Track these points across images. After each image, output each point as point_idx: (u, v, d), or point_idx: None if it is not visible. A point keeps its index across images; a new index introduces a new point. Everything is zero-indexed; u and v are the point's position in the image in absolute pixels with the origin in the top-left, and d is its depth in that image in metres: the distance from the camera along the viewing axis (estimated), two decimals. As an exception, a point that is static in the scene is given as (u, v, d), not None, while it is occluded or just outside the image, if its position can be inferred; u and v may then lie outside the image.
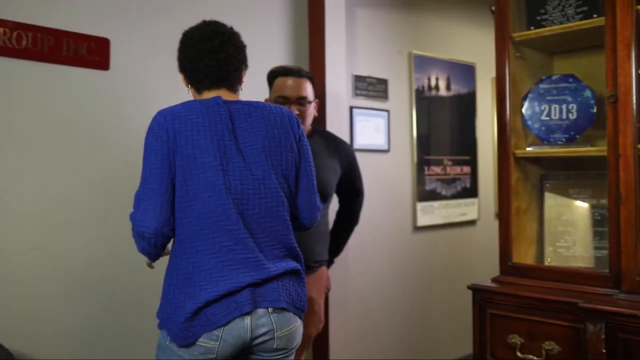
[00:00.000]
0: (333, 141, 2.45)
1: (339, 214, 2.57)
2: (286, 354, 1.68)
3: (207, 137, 1.60)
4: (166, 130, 1.61)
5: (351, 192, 2.51)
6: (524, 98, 2.25)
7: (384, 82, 3.44)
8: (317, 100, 2.41)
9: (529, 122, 2.23)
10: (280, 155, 1.68)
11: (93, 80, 2.37)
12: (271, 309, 1.60)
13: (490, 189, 4.15)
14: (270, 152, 1.67)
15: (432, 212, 3.72)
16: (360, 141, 3.29)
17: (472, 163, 4.02)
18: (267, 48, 2.95)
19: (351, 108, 3.25)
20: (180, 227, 1.61)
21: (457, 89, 3.89)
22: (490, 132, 4.16)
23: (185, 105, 1.67)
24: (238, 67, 1.75)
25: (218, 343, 1.54)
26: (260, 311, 1.58)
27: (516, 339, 2.02)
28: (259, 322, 1.58)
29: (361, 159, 2.80)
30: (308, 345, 2.42)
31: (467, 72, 3.97)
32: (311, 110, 2.35)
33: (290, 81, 2.31)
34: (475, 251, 3.99)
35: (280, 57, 2.98)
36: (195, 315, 1.53)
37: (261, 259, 1.60)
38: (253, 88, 2.36)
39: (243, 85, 1.79)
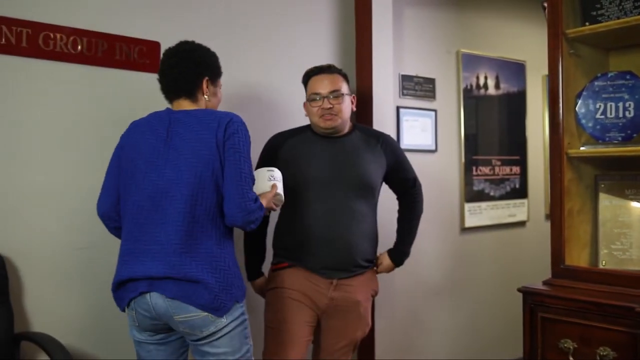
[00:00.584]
0: (374, 135, 2.42)
1: (400, 209, 2.49)
2: (202, 340, 1.84)
3: (145, 143, 1.91)
4: (124, 137, 1.99)
5: (405, 182, 2.45)
6: (578, 96, 2.18)
7: (431, 81, 3.40)
8: (354, 95, 2.39)
9: (583, 121, 2.17)
10: (199, 158, 1.84)
11: (144, 83, 2.42)
12: (163, 296, 1.80)
13: (541, 190, 4.07)
14: (191, 155, 1.84)
15: (480, 213, 3.67)
16: (407, 141, 3.27)
17: (522, 163, 3.95)
18: (314, 48, 2.96)
19: (398, 108, 3.23)
20: (122, 217, 1.95)
21: (506, 87, 3.83)
22: (541, 132, 4.07)
23: (148, 115, 2.00)
24: (194, 80, 1.97)
25: (134, 312, 1.87)
26: (156, 294, 1.82)
27: (569, 344, 1.96)
28: (156, 302, 1.82)
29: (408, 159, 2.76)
30: (353, 348, 2.39)
31: (517, 70, 3.89)
32: (347, 104, 2.32)
33: (321, 78, 2.31)
34: (524, 253, 3.91)
35: (326, 57, 2.98)
36: (116, 290, 1.90)
37: (156, 253, 1.80)
38: (302, 88, 2.39)
39: (288, 81, 1.81)
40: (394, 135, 3.12)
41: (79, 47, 2.26)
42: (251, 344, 1.96)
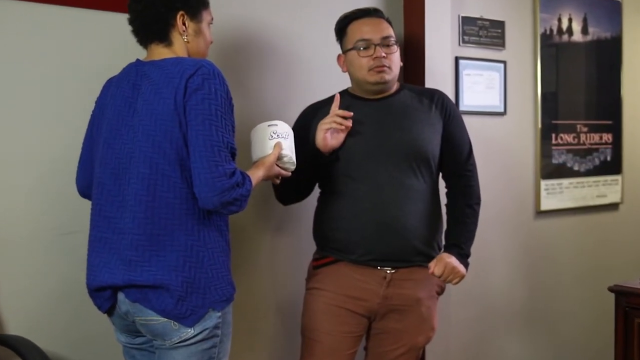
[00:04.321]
0: (427, 93, 2.38)
1: (450, 199, 2.42)
2: (165, 347, 1.83)
3: (111, 106, 1.88)
4: (98, 99, 1.98)
5: (458, 154, 2.37)
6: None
7: (500, 24, 3.31)
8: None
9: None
10: (158, 125, 1.76)
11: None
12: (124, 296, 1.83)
13: (639, 164, 3.96)
14: (149, 122, 1.78)
15: (561, 193, 3.63)
16: (468, 101, 3.19)
17: (616, 129, 3.85)
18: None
19: (457, 59, 3.14)
20: None
21: (596, 32, 3.72)
22: (641, 89, 3.92)
23: (122, 70, 1.93)
24: (164, 17, 1.86)
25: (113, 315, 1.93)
26: (121, 295, 1.84)
27: (675, 357, 1.90)
28: (122, 301, 1.85)
29: (469, 124, 2.67)
30: (415, 355, 2.37)
31: (610, 10, 3.79)
32: (398, 56, 2.32)
33: (368, 21, 2.29)
34: (617, 244, 3.84)
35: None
36: (90, 295, 1.93)
37: (114, 245, 1.81)
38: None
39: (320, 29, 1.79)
40: (451, 94, 3.07)
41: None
42: None
